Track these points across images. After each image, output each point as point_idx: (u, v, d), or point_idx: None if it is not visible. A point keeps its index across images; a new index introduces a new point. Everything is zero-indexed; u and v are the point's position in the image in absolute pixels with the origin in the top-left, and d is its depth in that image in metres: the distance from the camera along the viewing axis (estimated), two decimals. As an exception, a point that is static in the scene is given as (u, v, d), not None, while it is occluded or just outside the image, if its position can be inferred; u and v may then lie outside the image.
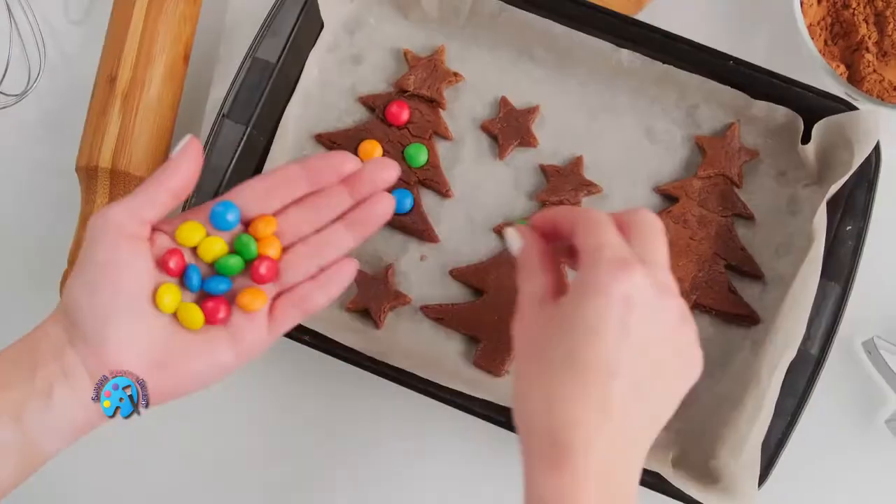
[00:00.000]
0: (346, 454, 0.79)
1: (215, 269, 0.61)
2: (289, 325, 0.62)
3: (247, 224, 0.62)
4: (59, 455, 0.59)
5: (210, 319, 0.60)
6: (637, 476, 0.57)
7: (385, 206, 0.64)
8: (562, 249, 0.63)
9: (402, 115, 0.79)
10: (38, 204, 0.83)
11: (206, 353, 0.59)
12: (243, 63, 0.77)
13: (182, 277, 0.60)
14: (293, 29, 0.78)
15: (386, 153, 0.78)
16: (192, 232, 0.60)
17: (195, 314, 0.59)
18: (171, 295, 0.58)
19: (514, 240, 0.63)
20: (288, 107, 0.78)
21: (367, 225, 0.64)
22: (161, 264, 0.59)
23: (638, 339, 0.55)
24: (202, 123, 0.84)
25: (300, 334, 0.73)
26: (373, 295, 0.76)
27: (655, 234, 0.59)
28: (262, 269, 0.61)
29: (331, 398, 0.80)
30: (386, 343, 0.75)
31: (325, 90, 0.80)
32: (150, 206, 0.59)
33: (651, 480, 0.71)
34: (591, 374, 0.54)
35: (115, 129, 0.77)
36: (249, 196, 0.62)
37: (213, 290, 0.60)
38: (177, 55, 0.80)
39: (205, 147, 0.75)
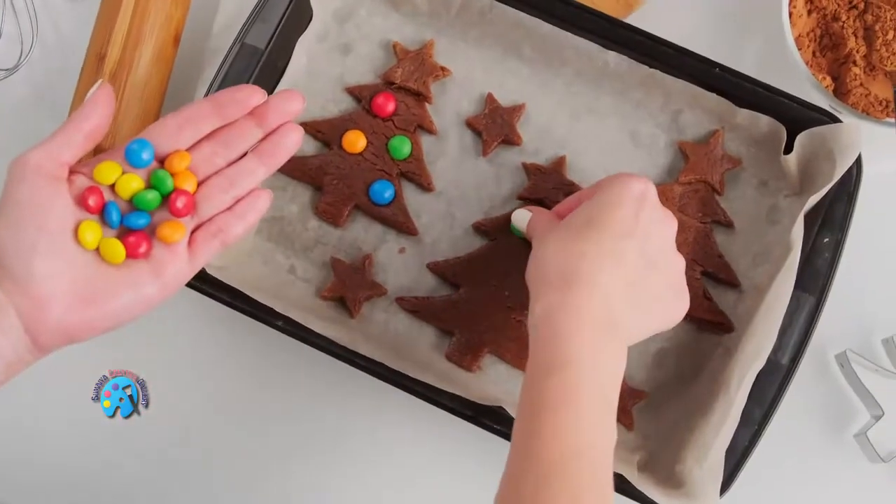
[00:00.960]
0: (313, 441, 0.80)
1: (133, 204, 0.64)
2: (209, 256, 0.66)
3: (161, 161, 0.65)
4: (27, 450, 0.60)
5: (131, 253, 0.62)
6: (628, 331, 0.64)
7: (293, 138, 0.68)
8: None
9: (388, 106, 0.79)
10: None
11: (130, 287, 0.62)
12: (231, 48, 0.77)
13: (102, 214, 0.62)
14: (283, 16, 0.78)
15: (370, 144, 0.79)
16: (109, 170, 0.63)
17: (117, 249, 0.61)
18: (93, 231, 0.61)
19: (523, 215, 0.72)
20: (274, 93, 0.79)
21: (277, 156, 0.68)
22: (81, 202, 0.61)
23: (645, 227, 0.64)
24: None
25: (273, 319, 0.73)
26: (349, 284, 0.76)
27: None
28: (179, 202, 0.64)
29: (301, 385, 0.80)
30: (359, 332, 0.75)
31: (312, 78, 0.81)
32: (66, 148, 0.62)
33: (616, 483, 0.71)
34: (607, 231, 0.63)
35: (102, 108, 0.77)
36: (162, 133, 0.65)
37: (132, 224, 0.63)
38: (167, 37, 0.80)
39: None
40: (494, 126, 0.79)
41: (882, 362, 0.77)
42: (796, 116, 0.75)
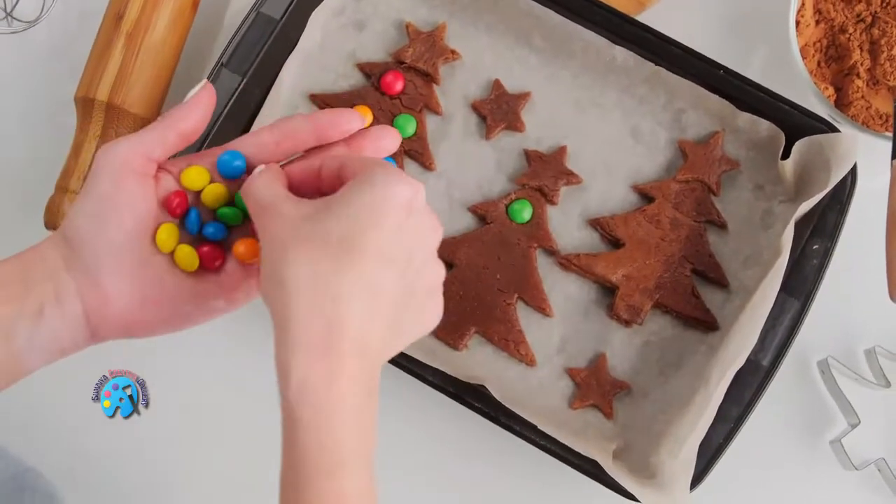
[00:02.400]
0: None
1: (216, 215, 0.61)
2: None
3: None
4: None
5: (206, 264, 0.60)
6: (379, 370, 0.55)
7: None
8: None
9: (397, 85, 0.80)
10: (35, 128, 0.85)
11: (197, 297, 0.60)
12: (247, 16, 0.79)
13: (182, 220, 0.60)
14: (301, -12, 0.79)
15: (376, 120, 0.80)
16: (198, 176, 0.60)
17: (192, 257, 0.59)
18: (171, 235, 0.58)
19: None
20: (286, 64, 0.80)
21: None
22: (164, 204, 0.59)
23: (410, 242, 0.54)
24: (204, 72, 0.85)
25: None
26: (345, 256, 0.78)
27: None
28: None
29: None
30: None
31: (324, 52, 0.82)
32: (159, 145, 0.59)
33: (588, 468, 0.73)
34: (364, 258, 0.52)
35: (116, 65, 0.79)
36: (257, 147, 0.61)
37: (211, 235, 0.60)
38: (185, 1, 0.82)
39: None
40: (499, 111, 0.80)
41: (863, 372, 0.78)
42: (796, 123, 0.76)
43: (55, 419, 0.81)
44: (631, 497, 0.72)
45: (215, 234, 0.60)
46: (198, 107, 0.60)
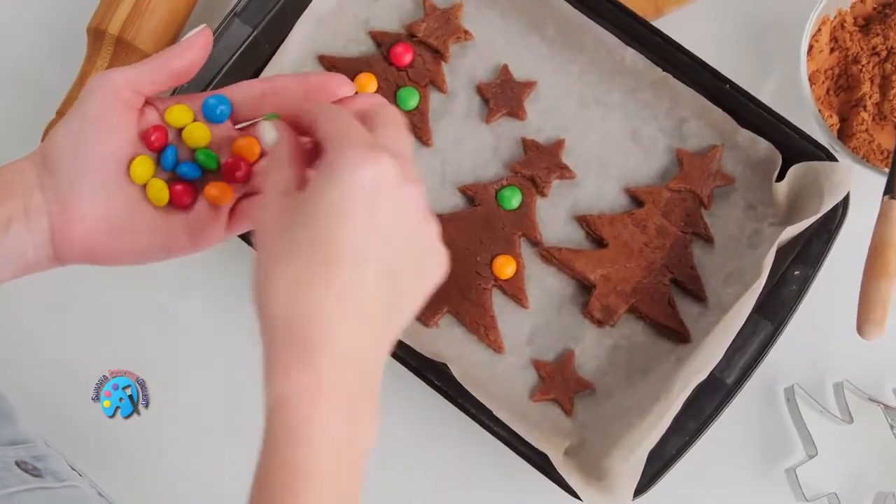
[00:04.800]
0: (258, 360, 0.80)
1: (194, 156, 0.62)
2: (245, 228, 0.63)
3: (235, 121, 0.63)
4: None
5: (175, 201, 0.61)
6: (380, 371, 0.54)
7: None
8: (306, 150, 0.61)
9: (406, 57, 0.81)
10: (43, 54, 0.86)
11: (162, 232, 0.61)
12: (266, -31, 0.79)
13: (159, 155, 0.61)
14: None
15: (380, 89, 0.80)
16: (182, 114, 0.61)
17: (162, 191, 0.60)
18: (146, 167, 0.60)
19: (270, 132, 0.59)
20: (299, 21, 0.80)
21: None
22: (144, 136, 0.60)
23: (385, 226, 0.53)
24: (217, 20, 0.86)
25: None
26: (330, 219, 0.78)
27: (398, 125, 0.57)
28: (237, 168, 0.62)
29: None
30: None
31: (338, 16, 0.82)
32: (149, 80, 0.60)
33: (537, 460, 0.73)
34: (336, 260, 0.51)
35: (132, 1, 0.80)
36: (244, 95, 0.63)
37: (184, 174, 0.61)
38: (209, -54, 0.83)
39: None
40: (503, 96, 0.80)
41: (828, 405, 0.78)
42: (795, 147, 0.76)
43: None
44: (574, 495, 0.72)
45: (188, 174, 0.61)
46: (192, 49, 0.61)
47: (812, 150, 0.75)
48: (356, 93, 0.63)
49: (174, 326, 0.83)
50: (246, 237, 0.76)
